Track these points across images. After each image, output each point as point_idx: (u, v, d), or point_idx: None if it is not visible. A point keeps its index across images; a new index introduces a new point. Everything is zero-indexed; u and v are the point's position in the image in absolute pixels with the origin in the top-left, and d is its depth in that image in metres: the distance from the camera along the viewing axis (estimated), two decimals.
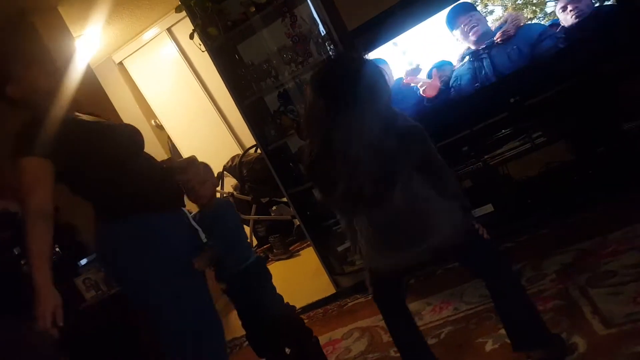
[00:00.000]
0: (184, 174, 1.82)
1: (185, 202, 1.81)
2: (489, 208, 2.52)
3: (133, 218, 1.53)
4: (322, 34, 2.47)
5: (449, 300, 2.08)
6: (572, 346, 1.48)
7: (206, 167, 1.93)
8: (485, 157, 2.47)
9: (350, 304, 2.57)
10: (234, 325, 2.38)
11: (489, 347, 1.67)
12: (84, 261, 3.07)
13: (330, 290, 2.77)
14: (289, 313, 2.02)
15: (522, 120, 2.41)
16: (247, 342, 2.04)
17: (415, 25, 2.36)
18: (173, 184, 1.70)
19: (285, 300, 2.01)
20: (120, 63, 4.64)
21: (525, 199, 2.50)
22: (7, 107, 1.57)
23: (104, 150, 1.53)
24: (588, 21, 2.21)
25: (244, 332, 1.95)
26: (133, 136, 1.67)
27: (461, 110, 2.42)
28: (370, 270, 1.59)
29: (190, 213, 1.87)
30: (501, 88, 2.37)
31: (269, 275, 1.97)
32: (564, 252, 1.98)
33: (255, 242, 4.44)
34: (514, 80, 2.35)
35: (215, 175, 4.74)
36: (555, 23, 2.25)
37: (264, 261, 2.07)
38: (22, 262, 3.10)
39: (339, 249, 2.80)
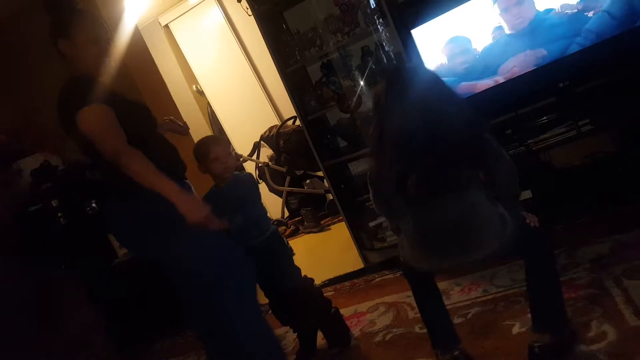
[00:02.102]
0: (213, 145, 1.88)
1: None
2: (527, 194, 2.47)
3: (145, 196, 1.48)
4: (372, 5, 2.44)
5: (479, 281, 2.07)
6: (602, 334, 1.47)
7: (227, 141, 2.01)
8: (529, 141, 2.41)
9: (377, 279, 2.58)
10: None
11: (515, 330, 1.66)
12: None
13: (359, 264, 2.80)
14: (307, 284, 2.08)
15: (570, 106, 2.33)
16: (270, 311, 2.11)
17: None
18: (179, 158, 1.73)
19: (313, 272, 2.09)
20: (167, 26, 4.70)
21: (565, 187, 2.44)
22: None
23: (133, 125, 1.55)
24: None
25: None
26: (150, 114, 1.70)
27: (507, 92, 2.36)
28: (405, 263, 1.62)
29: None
30: (550, 71, 2.29)
31: (287, 246, 2.08)
32: (601, 243, 1.94)
33: (287, 214, 4.50)
34: (564, 64, 2.26)
35: (252, 145, 4.81)
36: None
37: (278, 232, 2.12)
38: (60, 214, 3.20)
39: (371, 224, 2.81)
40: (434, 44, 2.38)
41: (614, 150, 2.49)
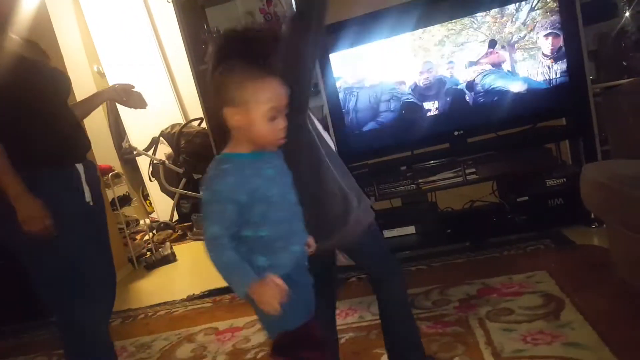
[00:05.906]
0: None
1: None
2: (411, 229, 2.62)
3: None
4: None
5: (357, 308, 2.12)
6: None
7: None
8: (419, 180, 2.56)
9: None
10: None
11: (385, 358, 1.71)
12: None
13: None
14: None
15: (460, 154, 2.52)
16: None
17: (384, 39, 2.40)
18: (79, 139, 1.58)
19: (194, 281, 1.89)
20: None
21: (445, 228, 2.63)
22: None
23: (23, 92, 1.38)
24: (543, 83, 2.37)
25: None
26: (57, 84, 1.53)
27: (407, 131, 2.50)
28: None
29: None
30: (449, 119, 2.47)
31: None
32: (471, 284, 2.08)
33: (176, 217, 4.30)
34: (462, 114, 2.45)
35: (150, 140, 4.50)
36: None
37: None
38: None
39: None
40: (349, 71, 2.45)
41: (491, 200, 2.74)
